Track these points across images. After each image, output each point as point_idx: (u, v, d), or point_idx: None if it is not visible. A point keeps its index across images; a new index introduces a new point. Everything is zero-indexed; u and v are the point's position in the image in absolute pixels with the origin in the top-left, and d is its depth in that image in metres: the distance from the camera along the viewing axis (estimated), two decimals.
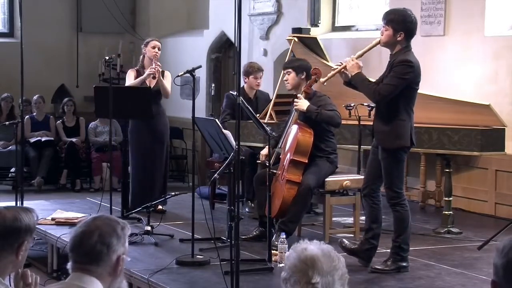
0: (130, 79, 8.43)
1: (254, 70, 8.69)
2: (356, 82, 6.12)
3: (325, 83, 6.47)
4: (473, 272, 6.16)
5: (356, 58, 6.13)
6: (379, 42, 6.11)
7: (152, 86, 8.31)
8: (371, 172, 6.24)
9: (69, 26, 13.65)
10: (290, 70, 7.14)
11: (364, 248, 6.25)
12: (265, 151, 7.27)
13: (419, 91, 6.41)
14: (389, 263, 6.10)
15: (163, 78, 8.32)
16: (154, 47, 8.40)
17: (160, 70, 8.26)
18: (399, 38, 5.94)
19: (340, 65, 6.19)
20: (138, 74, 8.41)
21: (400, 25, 5.94)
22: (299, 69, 7.11)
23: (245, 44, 11.18)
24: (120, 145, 10.90)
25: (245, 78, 8.63)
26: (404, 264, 6.12)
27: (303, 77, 7.08)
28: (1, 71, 12.68)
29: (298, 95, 7.04)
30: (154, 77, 8.25)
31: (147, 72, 8.26)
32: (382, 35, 6.05)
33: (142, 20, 13.86)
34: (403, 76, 5.90)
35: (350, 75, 6.13)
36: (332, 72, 6.25)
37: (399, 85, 5.91)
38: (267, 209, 6.44)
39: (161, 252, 6.74)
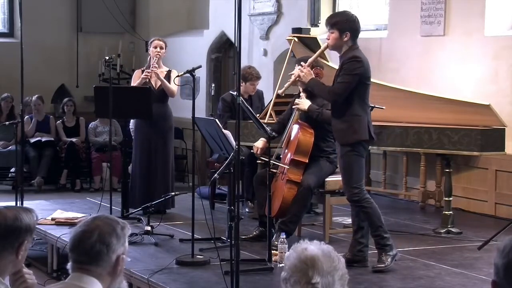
0: (134, 80, 8.49)
1: (253, 78, 8.68)
2: (312, 87, 6.37)
3: (283, 94, 6.79)
4: (473, 272, 6.16)
5: (308, 66, 6.37)
6: (327, 47, 6.27)
7: (157, 87, 8.30)
8: None
9: (69, 26, 13.65)
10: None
11: (356, 250, 6.27)
12: (259, 143, 7.11)
13: (419, 91, 6.46)
14: (384, 258, 6.12)
15: (170, 77, 8.30)
16: (155, 47, 8.40)
17: (156, 72, 8.23)
18: (345, 39, 6.06)
19: (294, 76, 6.42)
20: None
21: (345, 25, 6.06)
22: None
23: (245, 44, 11.17)
24: (120, 145, 10.89)
25: (242, 82, 8.54)
26: (395, 251, 6.17)
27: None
28: (1, 71, 12.67)
29: (300, 94, 7.03)
30: (148, 80, 8.21)
31: (141, 76, 8.28)
32: (328, 39, 6.17)
33: (142, 20, 13.85)
34: (354, 72, 6.02)
35: (305, 82, 6.36)
36: (288, 83, 6.56)
37: (352, 81, 6.03)
38: (267, 209, 6.44)
39: (161, 252, 6.74)
